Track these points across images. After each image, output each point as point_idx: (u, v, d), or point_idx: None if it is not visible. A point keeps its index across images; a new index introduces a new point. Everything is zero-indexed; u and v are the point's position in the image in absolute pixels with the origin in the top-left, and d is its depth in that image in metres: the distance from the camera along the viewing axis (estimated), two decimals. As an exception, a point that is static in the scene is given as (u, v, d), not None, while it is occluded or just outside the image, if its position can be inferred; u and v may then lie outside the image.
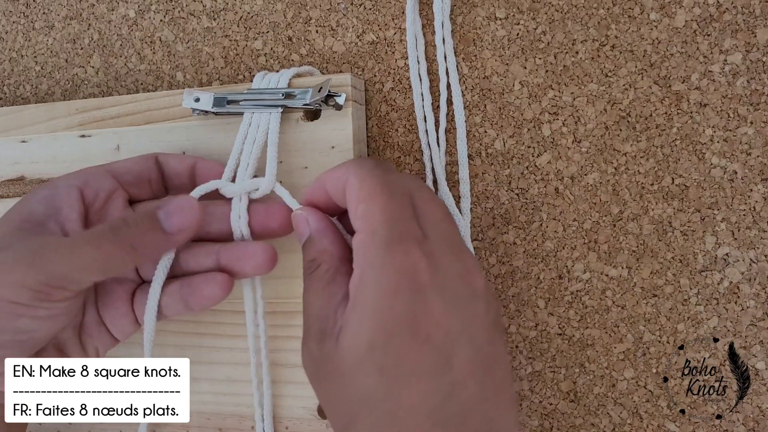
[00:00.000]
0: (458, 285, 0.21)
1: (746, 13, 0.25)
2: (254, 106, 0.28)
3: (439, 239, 0.22)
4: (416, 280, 0.20)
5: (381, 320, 0.20)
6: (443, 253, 0.21)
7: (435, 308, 0.20)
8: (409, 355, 0.20)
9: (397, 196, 0.22)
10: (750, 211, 0.26)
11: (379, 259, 0.20)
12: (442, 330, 0.20)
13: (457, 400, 0.20)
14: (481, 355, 0.21)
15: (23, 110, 0.33)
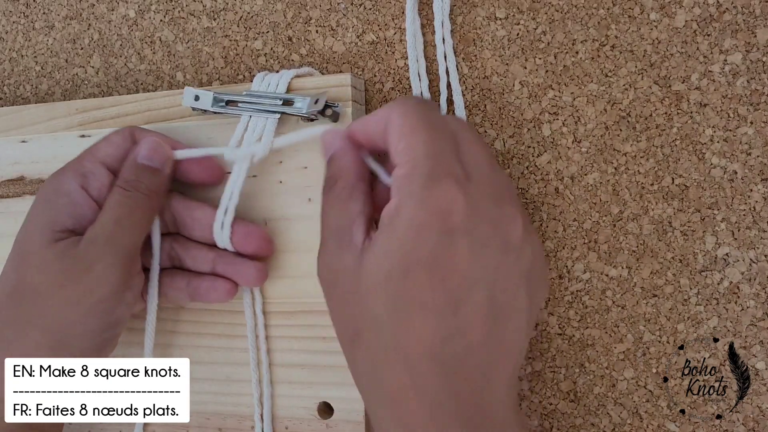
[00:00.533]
0: (490, 232, 0.21)
1: (746, 13, 0.25)
2: (252, 110, 0.28)
3: (482, 183, 0.22)
4: (448, 220, 0.21)
5: (404, 254, 0.21)
6: (483, 197, 0.21)
7: (458, 252, 0.20)
8: (421, 292, 0.20)
9: (441, 132, 0.22)
10: (750, 211, 0.26)
11: (417, 192, 0.21)
12: (460, 274, 0.20)
13: (457, 343, 0.20)
14: (496, 305, 0.21)
15: (23, 110, 0.33)
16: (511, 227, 0.22)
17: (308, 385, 0.29)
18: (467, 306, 0.21)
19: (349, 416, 0.28)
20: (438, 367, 0.20)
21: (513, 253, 0.21)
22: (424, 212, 0.21)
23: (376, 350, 0.21)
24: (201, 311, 0.30)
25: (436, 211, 0.21)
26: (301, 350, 0.29)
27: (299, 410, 0.29)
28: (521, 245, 0.22)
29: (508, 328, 0.21)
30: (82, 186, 0.26)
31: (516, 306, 0.22)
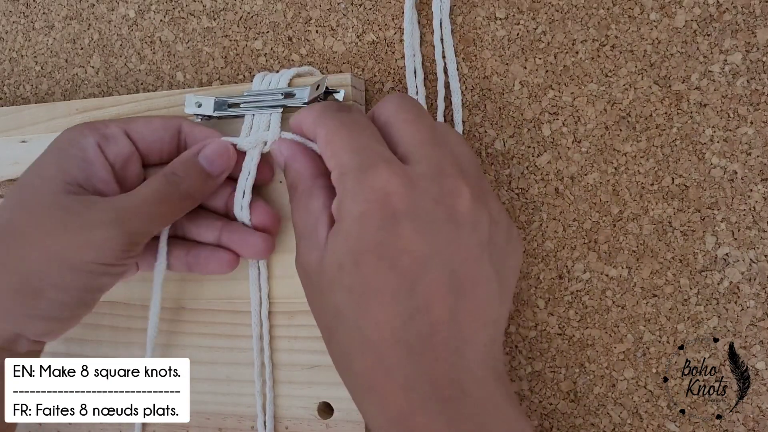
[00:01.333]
0: (433, 208, 0.21)
1: (746, 13, 0.25)
2: (254, 107, 0.28)
3: (420, 162, 0.22)
4: (387, 204, 0.21)
5: (351, 245, 0.21)
6: (420, 175, 0.21)
7: (404, 233, 0.21)
8: (374, 278, 0.21)
9: (360, 128, 0.23)
10: (750, 211, 0.26)
11: (351, 186, 0.21)
12: (409, 255, 0.21)
13: (420, 323, 0.20)
14: (456, 279, 0.21)
15: (23, 110, 0.33)
16: (457, 200, 0.21)
17: (308, 385, 0.29)
18: (423, 285, 0.21)
19: (349, 416, 0.28)
20: (404, 349, 0.20)
21: (465, 225, 0.21)
22: (362, 202, 0.21)
23: (344, 341, 0.22)
24: (201, 311, 0.30)
25: (372, 198, 0.21)
26: (301, 350, 0.29)
27: (299, 410, 0.29)
28: (473, 216, 0.22)
29: (475, 301, 0.21)
30: (99, 145, 0.26)
31: (480, 277, 0.21)
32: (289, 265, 0.29)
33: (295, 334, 0.29)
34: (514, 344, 0.29)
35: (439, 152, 0.22)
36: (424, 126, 0.23)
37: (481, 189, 0.23)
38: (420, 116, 0.23)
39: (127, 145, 0.26)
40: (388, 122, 0.23)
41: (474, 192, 0.22)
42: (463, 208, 0.21)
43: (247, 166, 0.28)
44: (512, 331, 0.29)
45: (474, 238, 0.21)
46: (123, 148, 0.26)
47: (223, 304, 0.30)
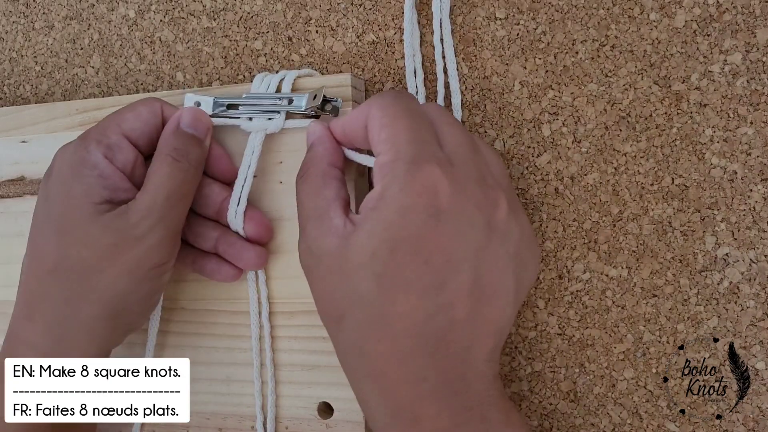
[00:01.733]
0: (474, 213, 0.22)
1: (746, 14, 0.26)
2: (253, 111, 0.28)
3: (465, 166, 0.23)
4: (434, 202, 0.21)
5: (390, 235, 0.21)
6: (467, 180, 0.22)
7: (444, 233, 0.21)
8: (406, 271, 0.21)
9: (421, 120, 0.23)
10: (750, 211, 0.26)
11: (402, 177, 0.21)
12: (445, 255, 0.21)
13: (441, 320, 0.21)
14: (480, 285, 0.22)
15: (23, 110, 0.33)
16: (496, 209, 0.22)
17: (308, 385, 0.29)
18: (451, 285, 0.21)
19: (349, 416, 0.28)
20: (422, 342, 0.21)
21: (498, 234, 0.22)
22: (410, 195, 0.21)
23: (361, 327, 0.22)
24: (201, 312, 0.31)
25: (421, 193, 0.21)
26: (301, 350, 0.29)
27: (299, 410, 0.29)
28: (507, 227, 0.22)
29: (492, 307, 0.22)
30: (107, 157, 0.26)
31: (501, 286, 0.22)
32: (288, 266, 0.29)
33: (295, 335, 0.29)
34: (514, 345, 0.29)
35: (480, 160, 0.23)
36: (466, 133, 0.24)
37: (515, 202, 0.24)
38: (460, 124, 0.25)
39: (129, 149, 0.27)
40: (435, 122, 0.24)
41: (511, 204, 0.23)
42: (499, 217, 0.22)
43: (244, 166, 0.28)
44: (512, 331, 0.29)
45: (503, 248, 0.22)
46: (128, 153, 0.27)
47: (222, 305, 0.30)
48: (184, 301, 0.31)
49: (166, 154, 0.26)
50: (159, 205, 0.25)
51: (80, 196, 0.25)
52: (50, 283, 0.25)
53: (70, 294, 0.25)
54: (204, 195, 0.28)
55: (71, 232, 0.25)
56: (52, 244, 0.25)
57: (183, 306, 0.31)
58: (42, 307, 0.25)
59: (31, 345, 0.25)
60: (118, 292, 0.25)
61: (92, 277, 0.25)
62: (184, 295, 0.31)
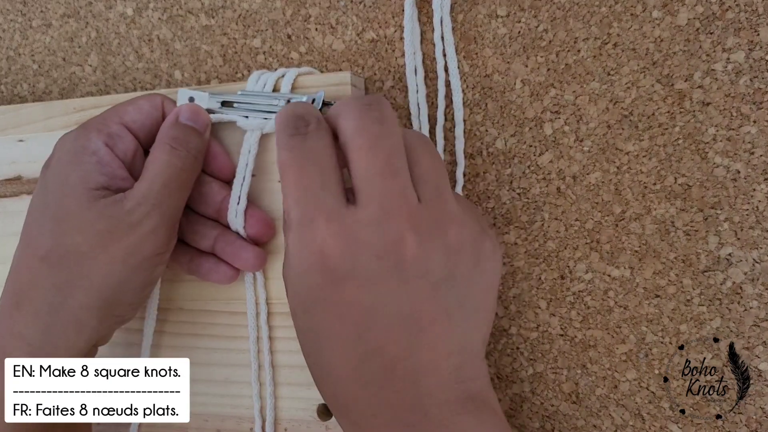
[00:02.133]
0: (375, 264, 0.21)
1: (749, 11, 0.26)
2: (249, 110, 0.28)
3: (368, 203, 0.21)
4: (325, 266, 0.21)
5: (300, 298, 0.23)
6: (363, 226, 0.21)
7: (347, 290, 0.21)
8: (325, 326, 0.22)
9: (309, 163, 0.22)
10: (753, 210, 0.26)
11: (293, 242, 0.22)
12: (356, 308, 0.21)
13: (375, 362, 0.21)
14: (411, 319, 0.21)
15: (20, 109, 0.33)
16: (401, 249, 0.21)
17: (308, 387, 0.29)
18: (373, 332, 0.21)
19: (349, 417, 0.28)
20: (363, 385, 0.22)
21: (413, 273, 0.21)
22: (303, 260, 0.22)
23: (311, 369, 0.24)
24: (200, 312, 0.31)
25: (312, 258, 0.22)
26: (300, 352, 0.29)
27: (299, 412, 0.29)
28: (422, 261, 0.21)
29: (434, 335, 0.22)
30: (107, 145, 0.26)
31: (436, 313, 0.22)
32: (289, 266, 0.29)
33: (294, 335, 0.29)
34: (516, 346, 0.29)
35: (389, 187, 0.21)
36: (380, 153, 0.22)
37: (437, 218, 0.22)
38: (379, 138, 0.22)
39: (130, 139, 0.27)
40: (345, 145, 0.23)
41: (423, 229, 0.21)
42: (408, 256, 0.21)
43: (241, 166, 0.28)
44: (513, 332, 0.29)
45: (424, 281, 0.21)
46: (128, 143, 0.27)
47: (221, 305, 0.30)
48: (182, 302, 0.31)
49: (165, 143, 0.26)
50: (155, 192, 0.25)
51: (77, 182, 0.25)
52: (41, 271, 0.25)
53: (62, 281, 0.25)
54: (203, 193, 0.29)
55: (66, 219, 0.25)
56: (46, 231, 0.25)
57: (181, 306, 0.31)
58: (31, 295, 0.25)
59: (17, 334, 0.25)
60: (111, 281, 0.25)
61: (85, 265, 0.25)
62: (182, 296, 0.31)
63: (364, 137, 0.22)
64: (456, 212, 0.22)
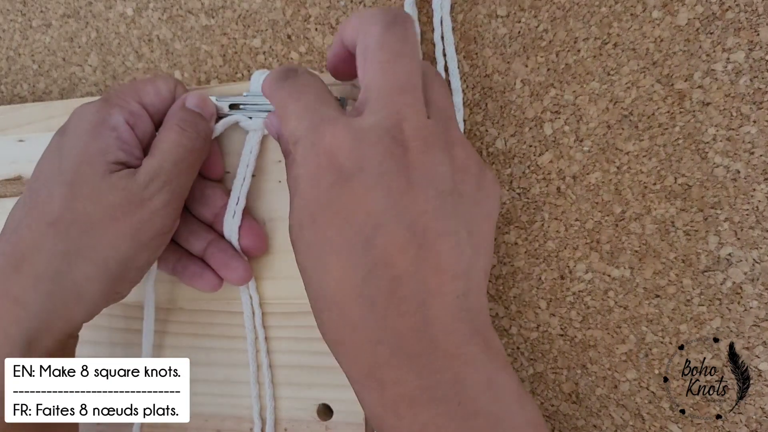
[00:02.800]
0: (382, 162, 0.21)
1: (749, 11, 0.26)
2: (255, 110, 0.29)
3: (379, 111, 0.22)
4: (334, 164, 0.21)
5: (307, 202, 0.22)
6: (372, 128, 0.21)
7: (355, 190, 0.21)
8: (331, 235, 0.21)
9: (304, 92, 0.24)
10: (753, 210, 0.26)
11: (302, 152, 0.22)
12: (363, 210, 0.21)
13: (380, 278, 0.21)
14: (417, 231, 0.21)
15: (20, 109, 0.34)
16: (409, 150, 0.21)
17: (308, 387, 0.29)
18: (379, 239, 0.21)
19: (348, 418, 0.29)
20: (367, 305, 0.21)
21: (420, 176, 0.21)
22: (312, 163, 0.22)
23: (312, 299, 0.23)
24: (199, 312, 0.31)
25: (322, 158, 0.22)
26: (300, 352, 0.30)
27: (299, 412, 0.30)
28: (429, 166, 0.21)
29: (439, 252, 0.21)
30: (128, 123, 0.27)
31: (442, 228, 0.21)
32: (286, 267, 0.29)
33: (294, 336, 0.30)
34: (516, 345, 0.30)
35: (403, 100, 0.22)
36: (399, 69, 0.22)
37: (445, 136, 0.22)
38: (400, 56, 0.23)
39: (149, 121, 0.28)
40: (365, 56, 0.23)
41: (431, 140, 0.22)
42: (414, 160, 0.21)
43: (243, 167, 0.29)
44: (513, 332, 0.30)
45: (431, 188, 0.21)
46: (148, 124, 0.28)
47: (220, 305, 0.31)
48: (182, 302, 0.31)
49: (174, 124, 0.27)
50: (166, 170, 0.26)
51: (96, 153, 0.25)
52: (48, 235, 0.24)
53: (69, 248, 0.24)
54: (206, 195, 0.29)
55: (80, 186, 0.25)
56: (59, 196, 0.25)
57: (181, 306, 0.31)
58: (34, 259, 0.24)
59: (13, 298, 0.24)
60: (117, 255, 0.25)
61: (94, 235, 0.25)
62: (182, 296, 0.31)
63: (385, 52, 0.22)
64: (462, 138, 0.23)
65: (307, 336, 0.29)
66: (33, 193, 0.26)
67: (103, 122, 0.26)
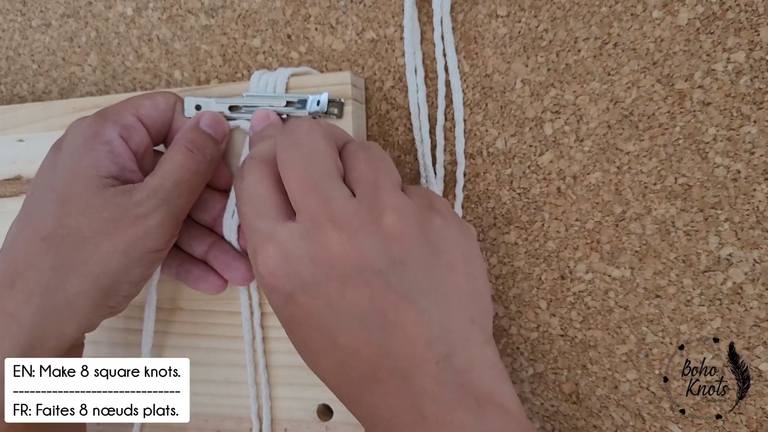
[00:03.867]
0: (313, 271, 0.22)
1: (749, 11, 0.26)
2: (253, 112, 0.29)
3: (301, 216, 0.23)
4: (275, 286, 0.23)
5: (276, 313, 0.24)
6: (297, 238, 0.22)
7: (301, 304, 0.22)
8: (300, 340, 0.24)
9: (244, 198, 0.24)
10: (753, 210, 0.27)
11: (252, 261, 0.24)
12: (317, 317, 0.22)
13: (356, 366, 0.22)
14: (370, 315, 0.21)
15: (20, 109, 0.34)
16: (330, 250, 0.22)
17: (307, 387, 0.30)
18: (341, 340, 0.22)
19: (348, 418, 0.29)
20: (355, 389, 0.23)
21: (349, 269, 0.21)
22: (260, 282, 0.24)
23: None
24: (199, 312, 0.31)
25: (263, 278, 0.23)
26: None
27: (298, 412, 0.30)
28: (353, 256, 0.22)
29: (405, 326, 0.21)
30: (122, 137, 0.27)
31: (396, 304, 0.21)
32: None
33: (294, 335, 0.30)
34: (516, 346, 0.30)
35: (312, 198, 0.22)
36: (295, 174, 0.23)
37: (369, 212, 0.22)
38: (294, 162, 0.23)
39: (145, 133, 0.28)
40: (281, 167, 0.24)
41: (353, 225, 0.22)
42: (338, 253, 0.21)
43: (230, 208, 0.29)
44: (514, 332, 0.30)
45: (368, 274, 0.21)
46: (143, 137, 0.28)
47: (221, 305, 0.31)
48: (182, 302, 0.31)
49: (180, 144, 0.27)
50: (166, 189, 0.26)
51: (87, 167, 0.25)
52: (40, 251, 0.25)
53: (60, 263, 0.25)
54: (203, 199, 0.29)
55: (72, 202, 0.25)
56: (51, 212, 0.25)
57: (181, 306, 0.31)
58: (27, 275, 0.25)
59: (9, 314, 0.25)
60: (109, 270, 0.25)
61: (86, 250, 0.25)
62: (182, 296, 0.31)
63: (283, 165, 0.24)
64: (393, 201, 0.22)
65: (307, 336, 0.29)
66: (27, 209, 0.26)
67: (96, 136, 0.26)
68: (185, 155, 0.27)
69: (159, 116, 0.28)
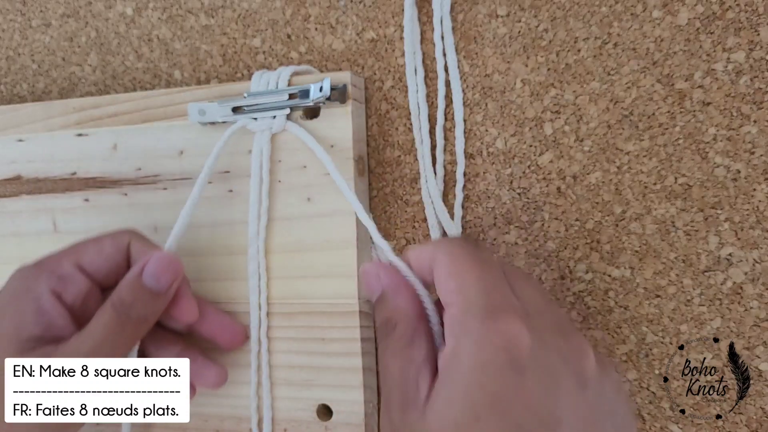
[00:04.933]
0: (561, 366, 0.20)
1: (749, 11, 0.26)
2: (258, 110, 0.29)
3: (542, 316, 0.21)
4: (514, 355, 0.20)
5: (471, 400, 0.20)
6: (546, 329, 0.21)
7: (531, 390, 0.20)
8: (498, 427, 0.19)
9: (492, 268, 0.22)
10: (753, 210, 0.27)
11: (476, 330, 0.20)
12: (536, 416, 0.19)
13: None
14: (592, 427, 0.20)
15: (20, 109, 0.34)
16: (583, 361, 0.21)
17: (307, 387, 0.30)
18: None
19: (348, 418, 0.29)
20: None
21: (591, 389, 0.21)
22: (487, 349, 0.20)
23: None
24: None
25: (499, 346, 0.20)
26: (300, 352, 0.30)
27: (298, 412, 0.30)
28: (599, 380, 0.21)
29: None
30: (55, 291, 0.26)
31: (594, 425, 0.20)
32: (288, 266, 0.30)
33: (294, 336, 0.30)
34: (516, 345, 0.30)
35: (558, 311, 0.22)
36: (535, 283, 0.23)
37: (600, 355, 0.22)
38: (529, 276, 0.25)
39: (83, 282, 0.27)
40: (506, 270, 0.22)
41: (597, 356, 0.21)
42: (589, 369, 0.21)
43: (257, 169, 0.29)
44: (514, 332, 0.30)
45: (599, 405, 0.21)
46: (80, 287, 0.27)
47: (221, 305, 0.31)
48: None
49: (112, 303, 0.26)
50: (85, 352, 0.25)
51: (9, 328, 0.25)
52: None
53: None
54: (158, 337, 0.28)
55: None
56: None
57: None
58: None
59: None
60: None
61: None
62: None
63: (519, 270, 0.23)
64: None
65: (307, 336, 0.30)
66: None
67: (27, 292, 0.25)
68: (110, 317, 0.25)
69: (104, 262, 0.27)
